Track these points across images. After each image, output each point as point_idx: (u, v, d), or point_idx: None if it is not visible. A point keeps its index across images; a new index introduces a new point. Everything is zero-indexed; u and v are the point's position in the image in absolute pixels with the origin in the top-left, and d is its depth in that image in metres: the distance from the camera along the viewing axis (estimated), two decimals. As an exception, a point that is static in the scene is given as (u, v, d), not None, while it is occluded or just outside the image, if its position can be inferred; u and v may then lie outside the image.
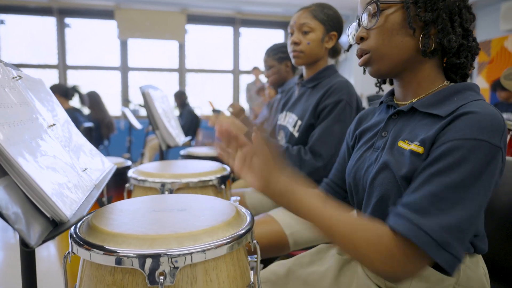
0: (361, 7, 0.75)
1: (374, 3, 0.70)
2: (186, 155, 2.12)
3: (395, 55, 0.71)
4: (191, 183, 1.14)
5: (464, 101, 0.65)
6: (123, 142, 4.97)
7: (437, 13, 0.68)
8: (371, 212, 0.72)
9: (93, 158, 0.89)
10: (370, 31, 0.73)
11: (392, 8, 0.70)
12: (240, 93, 6.57)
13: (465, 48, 0.71)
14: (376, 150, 0.76)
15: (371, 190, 0.73)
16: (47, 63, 5.82)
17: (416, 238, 0.56)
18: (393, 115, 0.76)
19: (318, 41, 1.34)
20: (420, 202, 0.58)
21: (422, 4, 0.68)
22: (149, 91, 1.62)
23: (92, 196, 0.66)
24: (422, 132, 0.67)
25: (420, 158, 0.64)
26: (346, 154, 0.93)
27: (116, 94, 6.09)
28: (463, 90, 0.68)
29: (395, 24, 0.70)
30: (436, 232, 0.55)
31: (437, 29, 0.68)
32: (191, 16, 6.00)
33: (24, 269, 0.67)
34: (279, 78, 2.06)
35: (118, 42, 5.93)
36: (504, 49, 4.85)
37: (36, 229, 0.47)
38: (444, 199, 0.57)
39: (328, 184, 0.95)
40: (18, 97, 0.65)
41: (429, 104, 0.69)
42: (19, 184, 0.49)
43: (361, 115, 0.92)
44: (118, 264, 0.54)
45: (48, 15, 5.60)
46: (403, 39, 0.70)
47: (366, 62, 0.75)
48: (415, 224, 0.56)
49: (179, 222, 0.63)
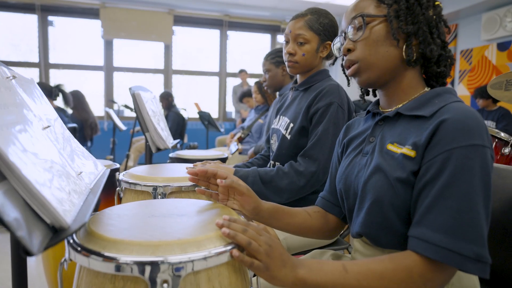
0: (345, 21, 0.81)
1: (360, 17, 0.76)
2: (175, 157, 2.09)
3: (382, 64, 0.76)
4: (184, 187, 1.13)
5: (445, 102, 0.69)
6: (106, 143, 4.88)
7: (417, 26, 0.73)
8: (365, 215, 0.73)
9: (86, 161, 0.86)
10: (357, 43, 0.77)
11: (376, 21, 0.75)
12: (227, 96, 6.55)
13: (444, 58, 0.77)
14: (365, 155, 0.79)
15: (363, 194, 0.74)
16: (27, 61, 5.66)
17: (452, 262, 0.59)
18: (379, 121, 0.80)
19: (313, 52, 1.35)
20: (439, 220, 0.61)
21: (403, 18, 0.74)
22: (139, 93, 1.59)
23: (90, 201, 0.64)
24: (411, 135, 0.70)
25: (413, 162, 0.67)
26: (337, 163, 0.94)
27: (99, 95, 5.97)
28: (442, 93, 0.74)
29: (380, 36, 0.75)
30: (466, 249, 0.58)
31: (418, 40, 0.74)
32: (178, 17, 5.96)
33: (15, 277, 0.64)
34: (276, 82, 2.07)
35: (103, 41, 5.83)
36: (485, 58, 5.00)
37: (37, 235, 0.45)
38: (460, 211, 0.60)
39: (324, 199, 0.95)
40: (14, 97, 0.63)
41: (413, 108, 0.74)
42: (18, 189, 0.47)
43: (348, 124, 0.95)
44: (118, 271, 0.53)
45: (31, 12, 5.45)
46: (388, 49, 0.75)
47: (355, 72, 0.79)
48: (445, 248, 0.59)
49: (181, 228, 0.62)
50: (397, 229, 0.69)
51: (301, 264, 0.63)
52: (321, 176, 1.25)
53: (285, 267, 0.62)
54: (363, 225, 0.74)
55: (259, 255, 0.60)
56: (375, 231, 0.72)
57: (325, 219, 0.93)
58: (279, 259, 0.62)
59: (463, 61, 5.35)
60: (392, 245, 0.72)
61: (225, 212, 0.74)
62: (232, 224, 0.62)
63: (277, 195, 1.25)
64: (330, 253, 0.95)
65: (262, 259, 0.60)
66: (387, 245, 0.73)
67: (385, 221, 0.70)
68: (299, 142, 1.33)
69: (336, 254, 0.95)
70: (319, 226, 0.91)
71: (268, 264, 0.60)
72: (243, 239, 0.60)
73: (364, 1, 0.78)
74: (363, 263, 0.64)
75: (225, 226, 0.61)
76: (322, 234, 0.93)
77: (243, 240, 0.60)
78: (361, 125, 0.89)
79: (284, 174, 1.25)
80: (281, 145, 1.38)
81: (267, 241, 0.62)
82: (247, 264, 0.60)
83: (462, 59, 5.36)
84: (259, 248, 0.60)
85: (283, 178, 1.25)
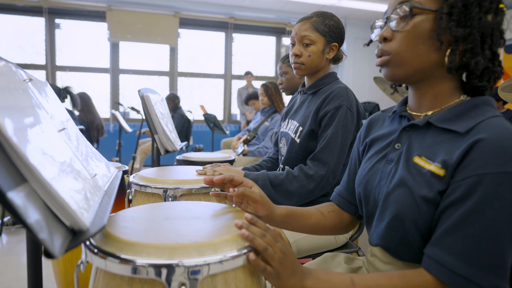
0: (391, 5, 0.71)
1: (408, 5, 0.67)
2: (182, 160, 2.10)
3: (416, 64, 0.68)
4: (194, 189, 1.13)
5: (482, 117, 0.63)
6: (112, 145, 4.90)
7: (469, 30, 0.64)
8: (385, 229, 0.71)
9: (99, 163, 0.86)
10: (396, 33, 0.69)
11: (424, 15, 0.66)
12: (232, 98, 6.56)
13: (489, 72, 0.67)
14: (389, 162, 0.74)
15: (385, 206, 0.71)
16: (34, 63, 5.70)
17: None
18: (407, 127, 0.74)
19: (319, 53, 1.35)
20: (459, 246, 0.58)
21: (456, 17, 0.64)
22: (148, 95, 1.60)
23: (106, 204, 0.64)
24: (441, 151, 0.65)
25: (441, 181, 0.62)
26: (357, 161, 0.91)
27: (105, 97, 6.00)
28: (481, 105, 0.66)
29: (423, 33, 0.66)
30: (484, 280, 0.56)
31: (466, 47, 0.65)
32: (184, 20, 5.98)
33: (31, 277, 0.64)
34: (293, 85, 2.08)
35: (109, 44, 5.86)
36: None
37: (58, 238, 0.45)
38: (483, 240, 0.57)
39: (340, 196, 0.93)
40: (30, 99, 0.63)
41: (446, 119, 0.67)
42: (38, 191, 0.47)
43: (371, 120, 0.89)
44: (134, 273, 0.53)
45: (38, 15, 5.50)
46: (428, 50, 0.67)
47: (383, 63, 0.72)
48: (462, 276, 0.57)
49: (196, 231, 0.62)
50: (418, 246, 0.66)
51: (310, 275, 0.63)
52: (330, 180, 1.25)
53: (294, 276, 0.62)
54: (383, 238, 0.72)
55: (273, 261, 0.60)
56: (395, 246, 0.70)
57: (340, 218, 0.91)
58: (290, 268, 0.62)
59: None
60: (411, 258, 0.69)
61: (239, 215, 0.74)
62: (252, 227, 0.62)
63: (287, 198, 1.24)
64: (342, 255, 0.94)
65: (274, 266, 0.60)
66: (406, 258, 0.70)
67: (405, 237, 0.67)
68: (309, 145, 1.32)
69: (349, 257, 0.94)
70: (333, 226, 0.90)
71: (280, 272, 0.60)
72: (261, 244, 0.60)
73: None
74: (372, 278, 0.63)
75: (244, 228, 0.61)
76: (336, 232, 0.93)
77: (260, 245, 0.59)
78: (385, 125, 0.83)
79: (294, 177, 1.25)
80: (290, 149, 1.37)
81: (282, 249, 0.62)
82: (260, 269, 0.60)
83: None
84: (274, 255, 0.60)
85: (293, 181, 1.25)
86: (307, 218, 0.88)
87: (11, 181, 0.43)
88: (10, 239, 2.75)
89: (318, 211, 0.91)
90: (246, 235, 0.59)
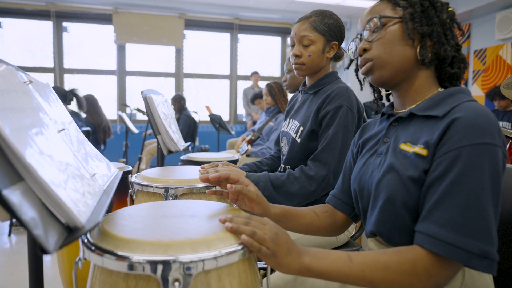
0: (361, 25, 0.83)
1: (377, 18, 0.78)
2: (186, 160, 2.11)
3: (396, 62, 0.77)
4: (195, 188, 1.14)
5: (458, 102, 0.70)
6: (119, 146, 4.95)
7: (432, 27, 0.75)
8: (378, 214, 0.74)
9: (99, 163, 0.88)
10: (373, 43, 0.79)
11: (392, 22, 0.78)
12: (238, 98, 6.58)
13: (457, 60, 0.78)
14: (379, 155, 0.80)
15: (377, 193, 0.75)
16: (42, 66, 5.79)
17: (458, 258, 0.59)
18: (393, 122, 0.81)
19: (319, 52, 1.34)
20: (446, 216, 0.61)
21: (418, 20, 0.76)
22: (151, 96, 1.62)
23: (103, 202, 0.66)
24: (423, 134, 0.71)
25: (425, 160, 0.68)
26: (351, 163, 0.94)
27: (112, 98, 6.07)
28: (456, 93, 0.74)
29: (395, 35, 0.77)
30: (472, 246, 0.59)
31: (433, 41, 0.76)
32: (189, 21, 6.02)
33: (32, 275, 0.66)
34: (296, 82, 2.09)
35: (115, 46, 5.92)
36: (499, 58, 4.92)
37: (53, 234, 0.47)
38: (468, 208, 0.60)
39: (335, 197, 0.96)
40: (30, 101, 0.65)
41: (426, 108, 0.74)
42: (35, 189, 0.49)
43: (364, 126, 0.96)
44: (131, 270, 0.54)
45: (46, 19, 5.58)
46: (403, 49, 0.76)
47: (368, 70, 0.80)
48: (451, 244, 0.60)
49: (192, 228, 0.63)
50: (410, 228, 0.69)
51: (307, 252, 0.64)
52: (331, 180, 1.25)
53: (290, 254, 0.62)
54: (376, 223, 0.75)
55: (265, 242, 0.61)
56: (388, 230, 0.73)
57: (333, 219, 0.94)
58: (285, 246, 0.63)
59: (476, 61, 5.27)
60: (405, 243, 0.71)
61: (235, 213, 0.75)
62: (235, 218, 0.63)
63: (289, 200, 1.25)
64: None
65: (269, 246, 0.61)
66: (400, 244, 0.72)
67: (397, 220, 0.71)
68: (309, 145, 1.33)
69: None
70: (327, 226, 0.93)
71: (275, 250, 0.61)
72: (247, 229, 0.61)
73: (380, 5, 0.80)
74: (368, 254, 0.65)
75: (228, 221, 0.62)
76: (330, 233, 0.95)
77: (247, 230, 0.60)
78: (376, 127, 0.90)
79: (295, 179, 1.26)
80: (291, 149, 1.38)
81: (271, 229, 0.63)
82: (255, 249, 0.60)
83: (475, 59, 5.28)
84: (265, 236, 0.61)
85: (294, 183, 1.25)
86: (301, 218, 0.89)
87: (8, 179, 0.44)
88: (19, 239, 2.80)
89: (312, 211, 0.93)
90: (230, 226, 0.61)
